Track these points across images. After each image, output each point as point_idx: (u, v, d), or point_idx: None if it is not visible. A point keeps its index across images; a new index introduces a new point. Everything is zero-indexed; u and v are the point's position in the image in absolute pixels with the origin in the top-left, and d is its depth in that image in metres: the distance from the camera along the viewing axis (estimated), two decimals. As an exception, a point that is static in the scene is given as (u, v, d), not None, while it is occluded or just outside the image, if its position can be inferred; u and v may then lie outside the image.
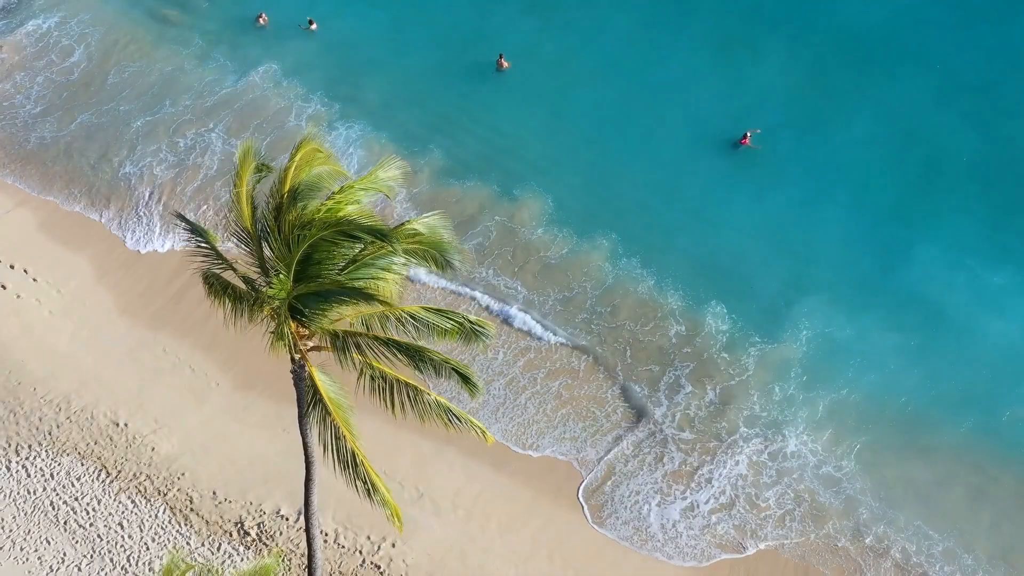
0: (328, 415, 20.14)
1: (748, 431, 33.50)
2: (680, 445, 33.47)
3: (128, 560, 30.18)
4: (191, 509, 31.43)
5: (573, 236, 38.77)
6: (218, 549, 30.54)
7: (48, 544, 30.34)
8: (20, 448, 32.48)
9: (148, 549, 30.41)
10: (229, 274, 21.50)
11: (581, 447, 33.55)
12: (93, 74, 45.53)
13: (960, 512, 31.72)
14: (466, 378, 20.34)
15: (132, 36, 47.06)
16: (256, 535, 30.88)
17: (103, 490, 31.64)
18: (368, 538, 30.81)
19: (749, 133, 40.99)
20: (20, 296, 36.77)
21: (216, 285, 20.93)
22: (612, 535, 31.66)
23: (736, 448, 33.10)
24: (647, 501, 32.42)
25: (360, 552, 30.61)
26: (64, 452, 32.47)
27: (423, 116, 43.13)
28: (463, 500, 32.21)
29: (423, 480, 32.54)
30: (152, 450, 32.77)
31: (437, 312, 20.19)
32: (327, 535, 30.78)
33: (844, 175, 40.30)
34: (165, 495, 31.69)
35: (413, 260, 20.15)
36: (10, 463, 32.07)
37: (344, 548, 30.66)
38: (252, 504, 31.62)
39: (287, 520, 31.27)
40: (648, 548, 31.43)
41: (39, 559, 29.99)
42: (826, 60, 44.38)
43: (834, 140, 41.41)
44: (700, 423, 33.83)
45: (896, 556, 30.80)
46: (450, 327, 20.06)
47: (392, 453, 32.98)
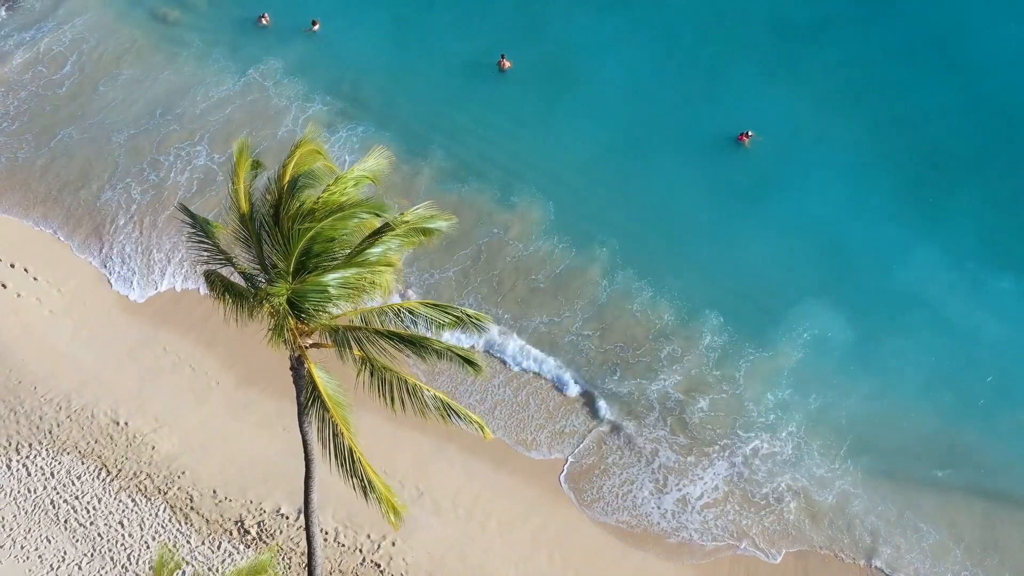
0: (326, 412, 20.18)
1: (744, 434, 33.56)
2: (673, 447, 33.55)
3: (128, 559, 30.18)
4: (191, 508, 31.43)
5: (567, 249, 38.52)
6: (218, 548, 30.54)
7: (48, 543, 30.34)
8: (20, 447, 32.49)
9: (148, 548, 30.41)
10: (228, 273, 21.53)
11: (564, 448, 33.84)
12: (92, 76, 45.19)
13: (956, 510, 31.93)
14: (469, 361, 20.65)
15: (131, 39, 46.73)
16: (256, 534, 30.88)
17: (103, 489, 31.64)
18: (368, 536, 30.81)
19: (750, 132, 41.01)
20: (20, 295, 36.79)
21: (217, 284, 20.96)
22: (602, 518, 32.07)
23: (732, 451, 33.14)
24: (639, 490, 32.65)
25: (360, 550, 30.61)
26: (64, 451, 32.48)
27: (425, 117, 43.09)
28: (463, 499, 32.22)
29: (423, 479, 32.55)
30: (152, 449, 32.78)
31: (435, 306, 20.36)
32: (327, 533, 30.79)
33: (842, 177, 40.36)
34: (165, 494, 31.70)
35: (407, 240, 20.29)
36: (10, 462, 32.08)
37: (344, 546, 30.66)
38: (252, 503, 31.62)
39: (287, 519, 31.27)
40: (640, 526, 31.89)
41: (39, 558, 29.99)
42: (826, 60, 44.42)
43: (834, 140, 41.48)
44: (693, 428, 33.81)
45: (888, 553, 31.03)
46: (448, 321, 20.21)
47: (392, 451, 33.00)
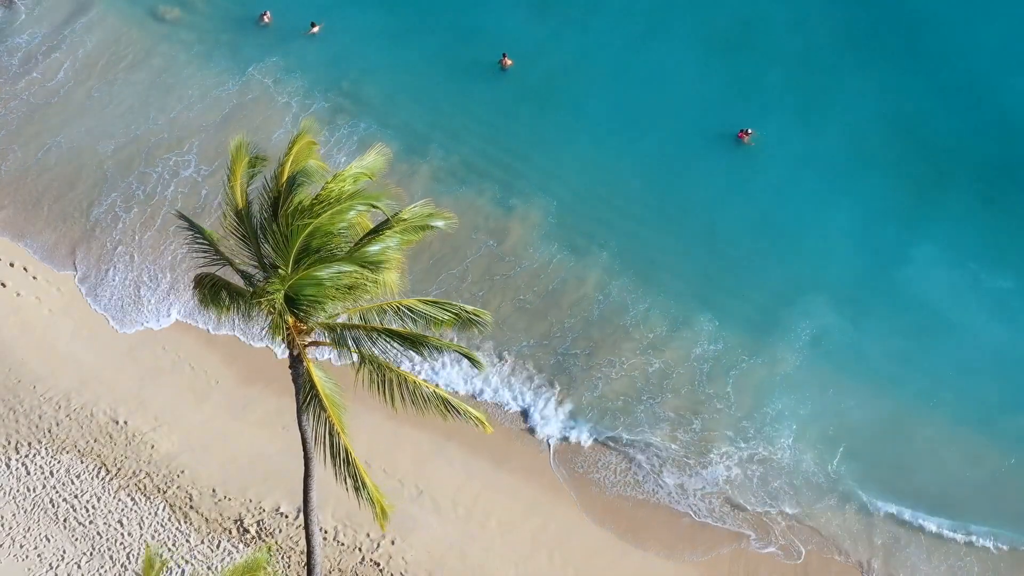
0: (323, 411, 20.14)
1: (742, 437, 33.52)
2: (668, 449, 33.58)
3: (128, 557, 30.14)
4: (190, 507, 31.39)
5: (564, 248, 38.36)
6: (217, 547, 30.50)
7: (48, 541, 30.31)
8: (20, 446, 32.45)
9: (148, 546, 30.32)
10: (226, 272, 21.50)
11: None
12: (91, 77, 44.95)
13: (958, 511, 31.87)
14: (469, 356, 20.80)
15: (130, 38, 46.54)
16: (256, 532, 30.85)
17: (103, 488, 31.60)
18: (368, 535, 30.76)
19: (750, 131, 40.98)
20: (20, 294, 36.76)
21: (211, 286, 20.85)
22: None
23: (729, 456, 33.10)
24: (636, 468, 33.17)
25: (360, 549, 30.56)
26: (64, 450, 32.45)
27: (425, 115, 43.00)
28: (463, 498, 32.18)
29: (423, 478, 32.50)
30: (152, 448, 32.74)
31: (434, 304, 20.35)
32: (326, 532, 30.74)
33: (842, 175, 40.32)
34: (165, 493, 31.66)
35: (406, 237, 20.28)
36: (10, 461, 32.04)
37: (344, 545, 30.62)
38: (252, 502, 31.58)
39: (287, 517, 31.22)
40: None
41: (39, 556, 29.95)
42: (825, 59, 44.37)
43: (834, 138, 41.44)
44: (684, 435, 33.71)
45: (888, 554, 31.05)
46: (447, 318, 20.24)
47: (392, 450, 32.99)
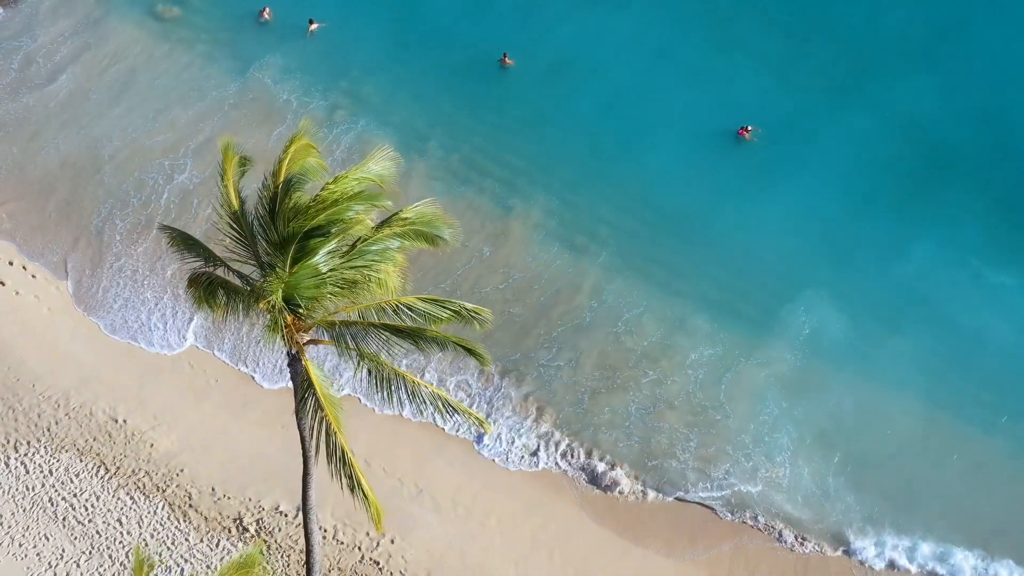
0: (320, 410, 20.10)
1: (742, 449, 33.29)
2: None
3: (127, 556, 30.09)
4: (190, 505, 31.35)
5: (560, 256, 38.04)
6: (216, 545, 30.46)
7: (47, 540, 30.27)
8: (19, 444, 32.41)
9: (147, 545, 30.32)
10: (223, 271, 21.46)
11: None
12: (90, 79, 44.79)
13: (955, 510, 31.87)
14: (472, 351, 20.69)
15: (129, 38, 46.50)
16: (255, 531, 30.80)
17: (102, 486, 31.56)
18: (367, 534, 30.71)
19: (750, 128, 40.96)
20: (19, 293, 36.71)
21: (207, 285, 20.80)
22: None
23: (729, 472, 32.89)
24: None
25: (359, 548, 30.51)
26: (63, 448, 32.40)
27: (425, 114, 42.89)
28: (463, 497, 32.13)
29: (423, 477, 32.46)
30: (151, 446, 32.70)
31: (433, 301, 20.33)
32: (326, 531, 30.70)
33: (842, 173, 40.26)
34: (164, 491, 31.62)
35: (407, 241, 20.25)
36: (8, 459, 32.00)
37: (343, 544, 30.57)
38: (251, 500, 31.54)
39: (286, 516, 31.18)
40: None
41: (38, 555, 29.91)
42: (825, 56, 44.32)
43: (834, 136, 41.37)
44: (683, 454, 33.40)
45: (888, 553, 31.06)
46: (446, 315, 20.23)
47: (392, 449, 32.97)
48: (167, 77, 44.72)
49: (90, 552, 30.06)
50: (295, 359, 21.15)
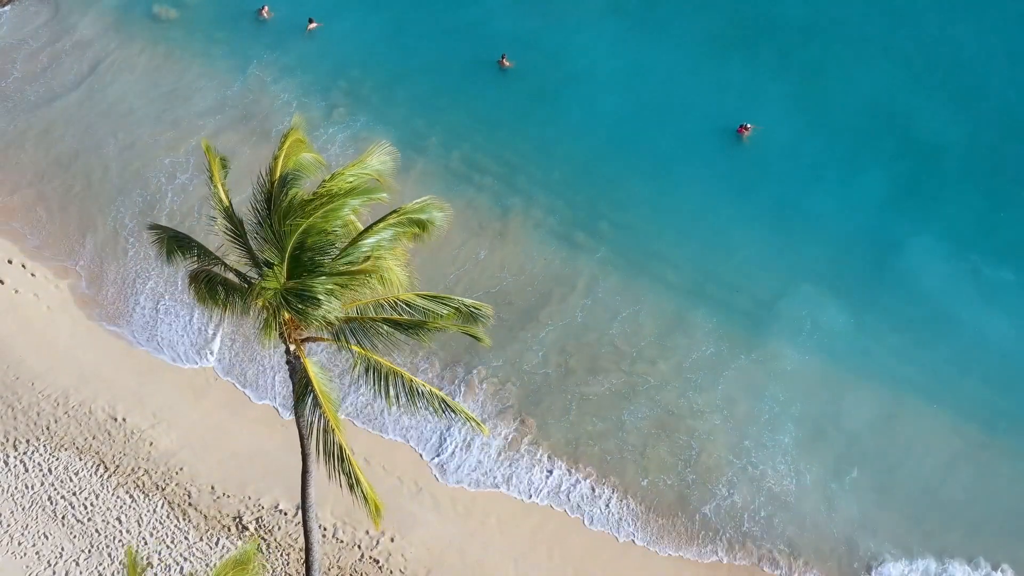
0: (318, 407, 20.05)
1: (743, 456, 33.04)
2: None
3: (126, 555, 30.08)
4: (189, 504, 31.33)
5: (557, 257, 37.95)
6: (216, 544, 30.43)
7: (46, 539, 30.25)
8: (18, 443, 32.39)
9: (147, 543, 30.31)
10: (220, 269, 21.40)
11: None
12: (90, 80, 44.84)
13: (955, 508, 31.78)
14: (472, 334, 20.74)
15: (128, 39, 46.51)
16: (254, 530, 30.78)
17: (101, 485, 31.54)
18: (367, 532, 30.69)
19: (749, 125, 40.96)
20: (18, 291, 36.69)
21: (206, 281, 20.77)
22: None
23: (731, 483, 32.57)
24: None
25: (359, 546, 30.49)
26: (62, 447, 32.38)
27: (423, 115, 42.87)
28: (462, 495, 32.10)
29: (422, 475, 32.44)
30: (150, 445, 32.68)
31: (433, 298, 20.28)
32: (325, 529, 30.67)
33: (841, 170, 40.24)
34: (163, 490, 31.60)
35: (400, 229, 20.20)
36: (8, 458, 31.98)
37: (343, 542, 30.55)
38: (251, 499, 31.52)
39: (286, 515, 31.16)
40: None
41: (37, 554, 29.90)
42: (824, 55, 44.35)
43: (833, 133, 41.38)
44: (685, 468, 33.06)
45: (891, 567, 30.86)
46: (446, 312, 20.20)
47: (392, 447, 32.96)
48: (166, 78, 44.71)
49: (89, 550, 30.04)
50: (294, 356, 21.12)
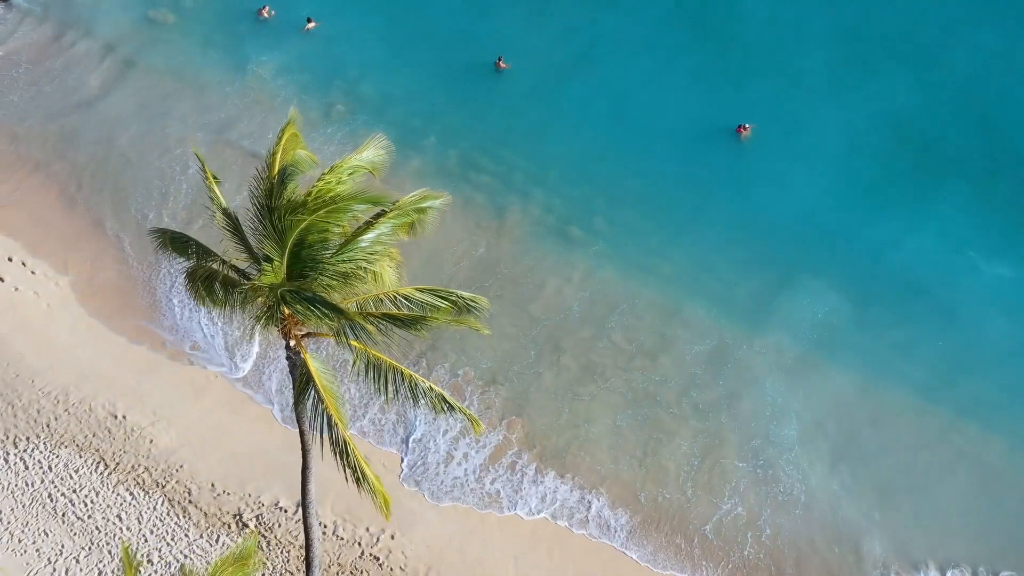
0: (320, 402, 20.01)
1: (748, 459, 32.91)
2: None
3: (122, 551, 30.05)
4: (189, 501, 31.32)
5: (555, 257, 37.89)
6: (216, 541, 30.43)
7: (46, 536, 30.25)
8: (18, 440, 32.38)
9: (147, 541, 30.30)
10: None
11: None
12: (89, 81, 44.97)
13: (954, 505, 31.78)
14: (471, 325, 20.75)
15: (131, 41, 46.62)
16: (255, 527, 30.78)
17: (101, 482, 31.53)
18: (367, 530, 30.68)
19: (748, 125, 40.98)
20: (18, 289, 36.68)
21: (204, 279, 20.76)
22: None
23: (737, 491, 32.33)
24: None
25: (359, 544, 30.48)
26: (62, 444, 32.37)
27: (421, 115, 42.94)
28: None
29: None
30: (150, 442, 32.67)
31: (431, 292, 20.31)
32: (326, 527, 30.67)
33: (839, 168, 40.27)
34: (163, 487, 31.59)
35: (398, 221, 20.21)
36: (8, 455, 31.98)
37: (343, 540, 30.54)
38: (251, 496, 31.51)
39: (286, 512, 31.15)
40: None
41: (37, 551, 29.89)
42: (822, 53, 44.35)
43: (832, 133, 41.40)
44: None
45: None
46: (444, 305, 20.22)
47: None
48: (167, 77, 44.71)
49: (89, 548, 30.04)
50: (294, 352, 21.11)
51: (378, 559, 30.14)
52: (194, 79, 44.67)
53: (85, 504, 31.03)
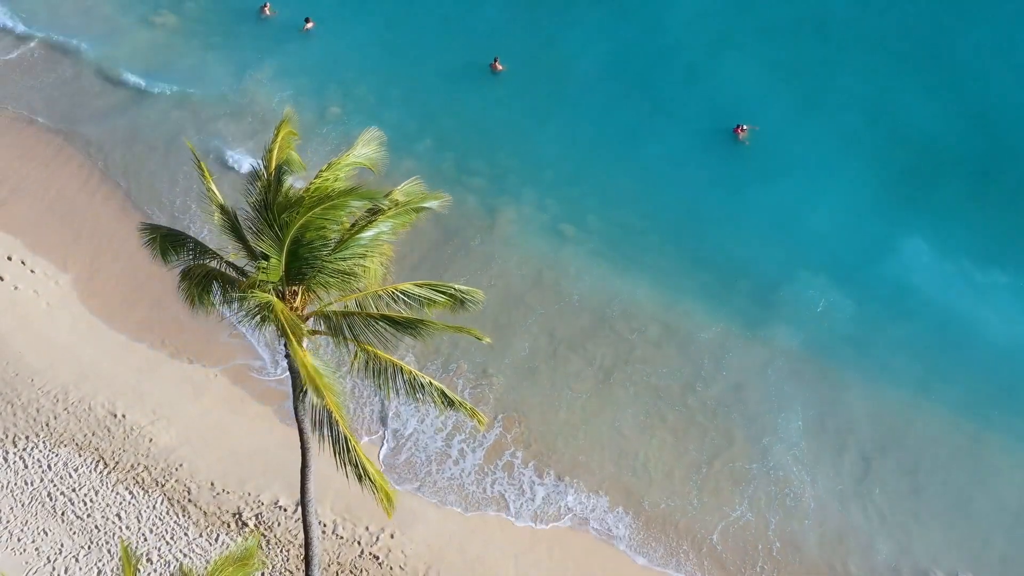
0: (321, 400, 19.91)
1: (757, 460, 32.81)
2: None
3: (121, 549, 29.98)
4: (189, 500, 31.28)
5: (552, 258, 37.90)
6: (216, 540, 30.38)
7: (45, 535, 30.19)
8: (18, 439, 32.34)
9: (146, 540, 30.25)
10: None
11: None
12: (90, 81, 45.06)
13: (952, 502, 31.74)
14: (471, 332, 20.76)
15: (132, 42, 46.64)
16: (254, 526, 30.73)
17: (101, 481, 31.48)
18: (367, 529, 30.63)
19: (746, 126, 40.98)
20: (18, 288, 36.64)
21: (200, 278, 20.69)
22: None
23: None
24: None
25: (359, 543, 30.43)
26: (62, 443, 32.32)
27: (417, 116, 42.96)
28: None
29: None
30: (150, 441, 32.62)
31: (429, 286, 20.32)
32: (325, 526, 30.61)
33: (836, 170, 40.36)
34: (163, 486, 31.54)
35: (399, 220, 20.21)
36: (7, 454, 31.92)
37: (343, 539, 30.49)
38: (250, 495, 31.45)
39: (285, 511, 31.10)
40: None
41: (36, 550, 29.83)
42: (820, 56, 44.48)
43: (830, 135, 41.47)
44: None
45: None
46: (442, 299, 20.26)
47: (391, 443, 32.93)
48: (166, 77, 44.67)
49: (89, 547, 29.99)
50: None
51: (378, 558, 30.09)
52: (194, 78, 44.64)
53: (84, 503, 30.98)
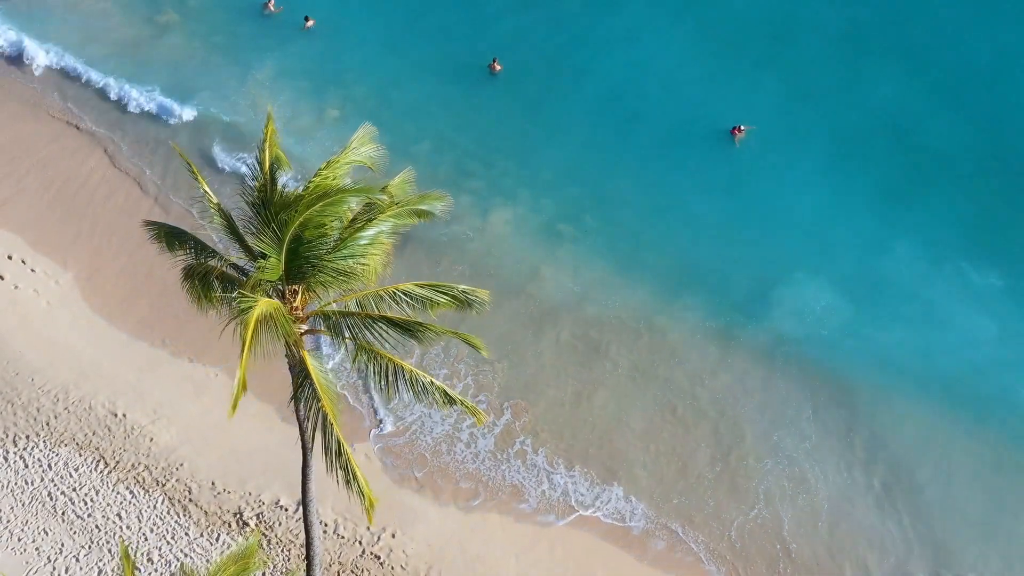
0: (317, 401, 19.88)
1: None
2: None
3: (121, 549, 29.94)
4: (189, 499, 31.22)
5: (550, 259, 37.82)
6: (216, 540, 30.32)
7: (46, 535, 30.15)
8: (18, 438, 32.28)
9: (147, 539, 30.20)
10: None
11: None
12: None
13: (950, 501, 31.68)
14: (470, 342, 20.58)
15: (131, 44, 46.62)
16: (255, 526, 30.68)
17: (101, 480, 31.43)
18: (368, 528, 30.57)
19: (743, 127, 40.96)
20: (18, 287, 36.59)
21: (201, 276, 20.65)
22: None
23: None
24: None
25: (360, 542, 30.38)
26: (62, 442, 32.27)
27: (415, 117, 42.87)
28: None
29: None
30: (151, 440, 32.56)
31: (430, 287, 20.25)
32: (326, 525, 30.56)
33: (834, 172, 40.30)
34: (163, 485, 31.49)
35: (400, 220, 20.14)
36: (7, 453, 31.88)
37: (344, 538, 30.43)
38: (251, 494, 31.40)
39: (286, 510, 31.05)
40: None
41: (37, 550, 29.79)
42: (817, 57, 44.42)
43: (825, 134, 41.45)
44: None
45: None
46: (444, 300, 20.17)
47: (392, 442, 32.88)
48: (164, 78, 44.66)
49: (89, 546, 29.94)
50: (292, 350, 20.97)
51: (379, 558, 30.03)
52: (194, 78, 44.61)
53: (85, 503, 30.92)
